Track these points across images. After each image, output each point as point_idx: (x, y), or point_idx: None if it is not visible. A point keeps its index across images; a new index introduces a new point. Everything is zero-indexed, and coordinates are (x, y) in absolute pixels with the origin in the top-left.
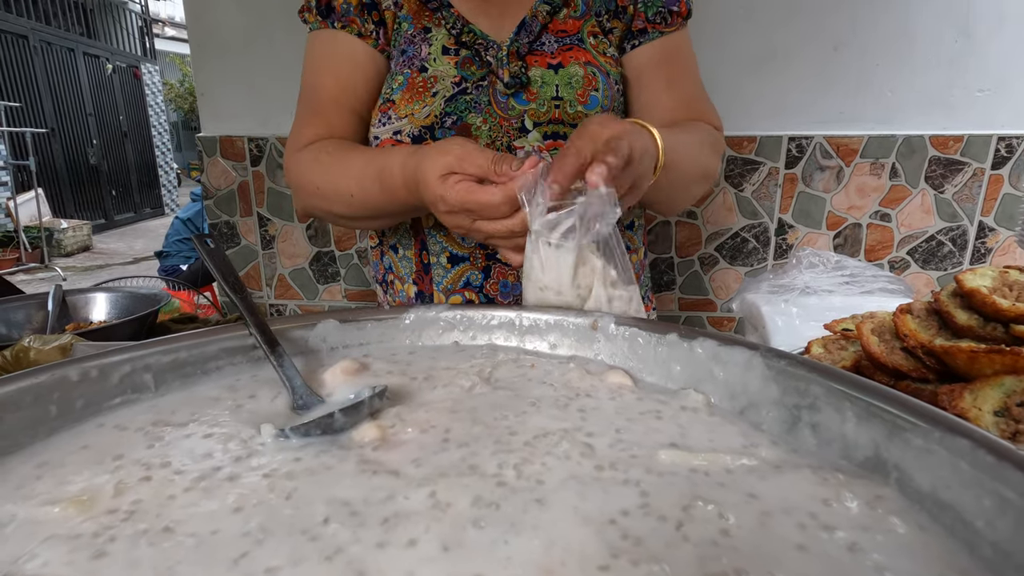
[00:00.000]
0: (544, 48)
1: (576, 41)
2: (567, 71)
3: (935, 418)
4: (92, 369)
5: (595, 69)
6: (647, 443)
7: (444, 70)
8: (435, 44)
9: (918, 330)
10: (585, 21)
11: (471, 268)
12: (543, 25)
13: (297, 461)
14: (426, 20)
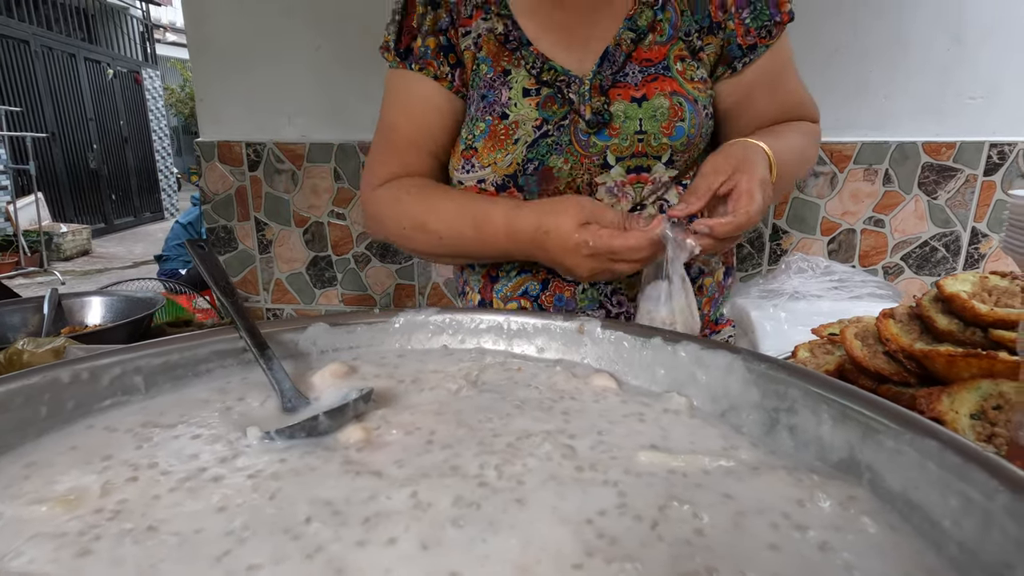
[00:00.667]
0: (628, 79)
1: (662, 70)
2: (651, 103)
3: (906, 420)
4: (83, 371)
5: (681, 98)
6: (628, 445)
7: (525, 114)
8: (515, 87)
9: (900, 334)
10: (672, 45)
11: (532, 279)
12: (627, 55)
13: (282, 462)
14: (505, 62)
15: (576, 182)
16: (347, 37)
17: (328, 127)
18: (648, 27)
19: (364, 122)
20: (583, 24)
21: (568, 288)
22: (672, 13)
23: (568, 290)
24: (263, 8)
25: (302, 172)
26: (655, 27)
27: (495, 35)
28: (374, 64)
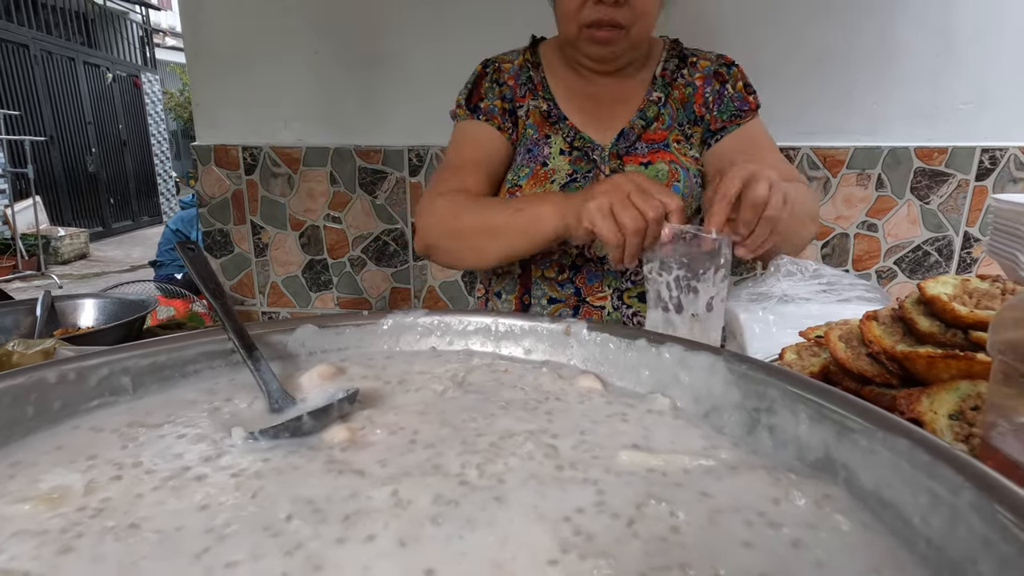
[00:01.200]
0: (637, 151)
1: (663, 146)
2: (655, 167)
3: (879, 419)
4: (70, 372)
5: (677, 166)
6: (610, 444)
7: (560, 165)
8: (554, 147)
9: (882, 336)
10: (671, 131)
11: (564, 307)
12: (638, 135)
13: (266, 462)
14: (547, 129)
15: None
16: (344, 42)
17: (324, 131)
18: (654, 117)
19: (360, 126)
20: (606, 110)
21: (596, 312)
22: (671, 108)
23: (596, 313)
24: (260, 13)
25: (298, 176)
26: (658, 117)
27: (540, 111)
28: (370, 69)
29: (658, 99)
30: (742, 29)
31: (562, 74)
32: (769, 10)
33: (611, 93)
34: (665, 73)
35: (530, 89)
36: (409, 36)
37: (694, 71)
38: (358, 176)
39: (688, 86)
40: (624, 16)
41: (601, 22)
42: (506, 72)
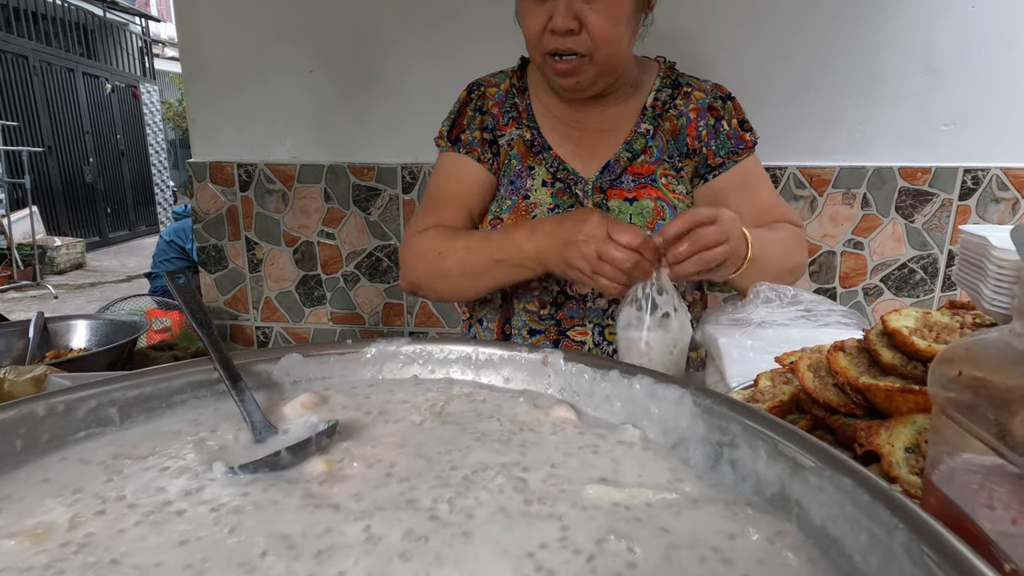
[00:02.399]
0: (623, 185)
1: (650, 181)
2: (640, 204)
3: (828, 458)
4: (59, 404)
5: (664, 203)
6: (578, 478)
7: (542, 198)
8: (536, 179)
9: (848, 367)
10: (659, 164)
11: (544, 339)
12: (623, 168)
13: (245, 496)
14: (531, 160)
15: None
16: (339, 61)
17: (319, 149)
18: (641, 150)
19: (354, 144)
20: (591, 141)
21: (576, 346)
22: (661, 141)
23: (577, 348)
24: (256, 32)
25: (292, 192)
26: (646, 150)
27: (524, 140)
28: (365, 88)
29: (647, 131)
30: (728, 52)
31: (548, 100)
32: (755, 33)
33: (598, 122)
34: (656, 104)
35: (514, 117)
36: (403, 55)
37: (688, 102)
38: (352, 193)
39: (681, 117)
40: (582, 45)
41: (559, 51)
42: (491, 98)
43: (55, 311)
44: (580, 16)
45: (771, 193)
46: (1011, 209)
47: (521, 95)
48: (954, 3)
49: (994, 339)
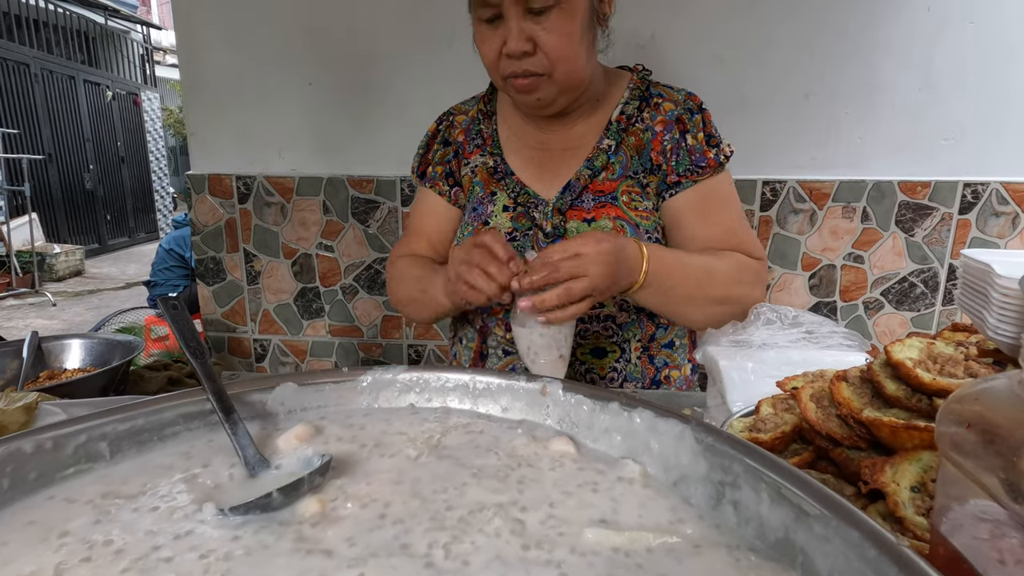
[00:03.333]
0: (583, 205)
1: (610, 199)
2: (598, 224)
3: (834, 506)
4: (47, 441)
5: (624, 222)
6: (577, 519)
7: (502, 223)
8: (498, 204)
9: (851, 398)
10: (621, 182)
11: (517, 359)
12: (584, 186)
13: (235, 540)
14: (493, 186)
15: None
16: (338, 74)
17: (318, 161)
18: (602, 167)
19: (353, 157)
20: (554, 161)
21: None
22: (624, 156)
23: None
24: (256, 46)
25: (291, 205)
26: (608, 166)
27: (487, 167)
28: (364, 101)
29: (609, 147)
30: (728, 66)
31: (514, 122)
32: (755, 48)
33: (562, 141)
34: (622, 118)
35: (479, 144)
36: (402, 68)
37: (656, 113)
38: (351, 205)
39: (647, 131)
40: (538, 64)
41: (516, 73)
42: (458, 127)
43: (53, 318)
44: (533, 37)
45: (732, 218)
46: (1011, 223)
47: (488, 120)
48: (952, 18)
49: (1002, 388)
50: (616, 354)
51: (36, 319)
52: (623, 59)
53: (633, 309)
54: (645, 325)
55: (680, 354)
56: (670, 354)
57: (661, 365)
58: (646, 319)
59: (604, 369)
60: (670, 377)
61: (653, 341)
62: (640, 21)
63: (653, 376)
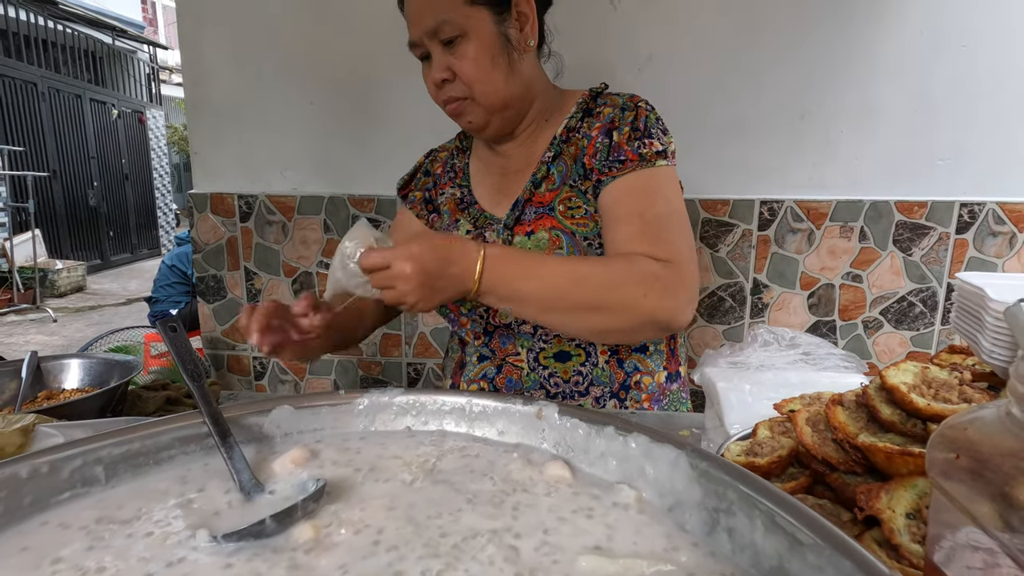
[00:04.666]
0: (525, 219)
1: (547, 210)
2: (536, 236)
3: (827, 535)
4: (43, 465)
5: (559, 232)
6: (571, 546)
7: None
8: (461, 229)
9: (847, 422)
10: (559, 192)
11: (490, 364)
12: (527, 200)
13: (228, 568)
14: (458, 215)
15: None
16: (340, 94)
17: (319, 180)
18: (542, 178)
19: (354, 176)
20: (509, 183)
21: (516, 372)
22: (564, 166)
23: (516, 373)
24: (258, 68)
25: (292, 223)
26: (548, 177)
27: (454, 198)
28: (364, 121)
29: (548, 158)
30: (725, 87)
31: (483, 154)
32: (752, 71)
33: (517, 162)
34: (564, 131)
35: (452, 177)
36: (403, 88)
37: (595, 121)
38: (351, 224)
39: (584, 138)
40: (458, 90)
41: (447, 100)
42: (439, 161)
43: (54, 334)
44: (451, 66)
45: (651, 215)
46: (1008, 243)
47: (462, 155)
48: (945, 42)
49: (991, 417)
50: (581, 358)
51: (36, 335)
52: (621, 81)
53: None
54: None
55: (655, 360)
56: (642, 359)
57: (631, 370)
58: None
59: (568, 373)
60: (641, 383)
61: (621, 344)
62: (638, 45)
63: (623, 381)
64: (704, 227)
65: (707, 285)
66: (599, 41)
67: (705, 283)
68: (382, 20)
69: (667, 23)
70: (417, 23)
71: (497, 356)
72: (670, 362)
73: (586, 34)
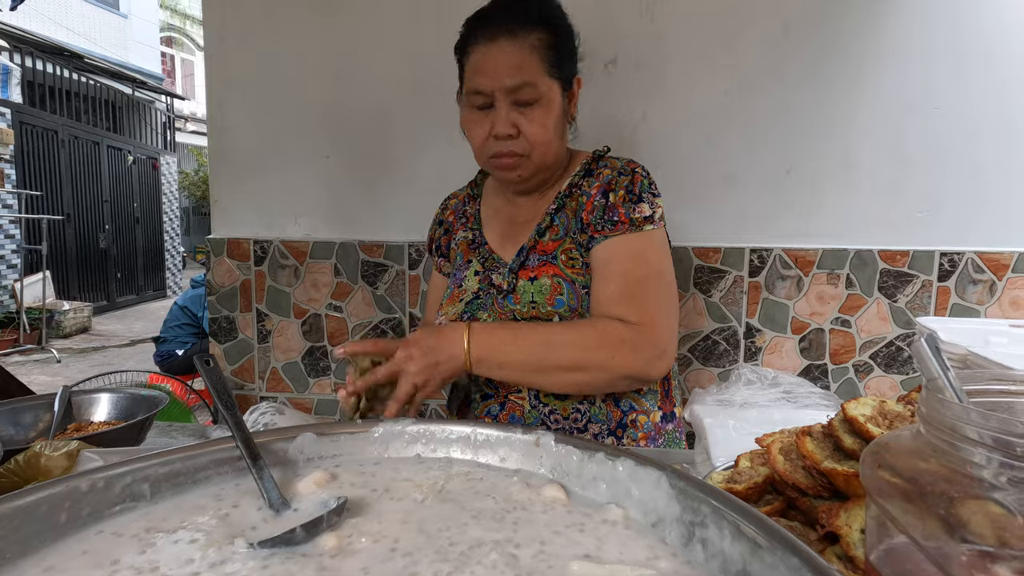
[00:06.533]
0: (530, 264)
1: (550, 259)
2: (540, 282)
3: (780, 539)
4: (100, 480)
5: (561, 279)
6: (564, 554)
7: (470, 285)
8: (471, 270)
9: (814, 451)
10: (561, 243)
11: (494, 402)
12: (531, 247)
13: (265, 568)
14: (470, 255)
15: None
16: (353, 148)
17: (332, 227)
18: (546, 228)
19: (365, 223)
20: (516, 231)
21: (518, 408)
22: (565, 219)
23: (518, 410)
24: (278, 123)
25: (304, 267)
26: (551, 228)
27: (467, 240)
28: (375, 172)
29: (552, 211)
30: (714, 143)
31: (494, 200)
32: (740, 128)
33: (526, 213)
34: (567, 188)
35: (464, 221)
36: (412, 142)
37: (595, 181)
38: (360, 268)
39: (584, 195)
40: (520, 147)
41: (501, 154)
42: (450, 208)
43: (57, 375)
44: (517, 124)
45: (632, 279)
46: (988, 290)
47: (473, 201)
48: (918, 104)
49: (906, 438)
50: (578, 396)
51: (40, 375)
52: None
53: None
54: None
55: (649, 400)
56: (637, 399)
57: (627, 409)
58: None
59: (567, 410)
60: (636, 422)
61: None
62: (632, 103)
63: (619, 420)
64: (697, 273)
65: (701, 329)
66: (600, 102)
67: (699, 327)
68: (394, 80)
69: (658, 86)
70: (496, 78)
71: (500, 393)
72: (664, 402)
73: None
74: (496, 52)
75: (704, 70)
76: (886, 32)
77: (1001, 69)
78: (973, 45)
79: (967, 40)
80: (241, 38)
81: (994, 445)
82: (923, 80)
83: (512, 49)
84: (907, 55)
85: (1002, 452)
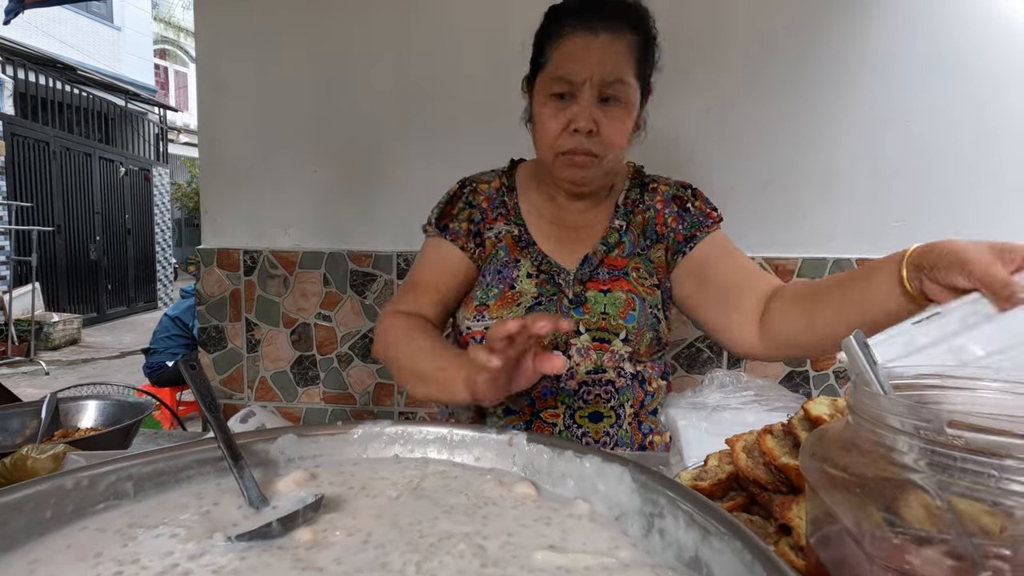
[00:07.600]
0: (599, 277)
1: (622, 274)
2: (614, 295)
3: (726, 524)
4: (84, 479)
5: (634, 295)
6: (530, 545)
7: (527, 288)
8: (522, 270)
9: (774, 448)
10: (631, 259)
11: (519, 419)
12: (600, 261)
13: (242, 560)
14: (518, 253)
15: (556, 340)
16: (343, 159)
17: (321, 238)
18: (615, 244)
19: (354, 234)
20: (572, 236)
21: (548, 428)
22: (633, 235)
23: (548, 430)
24: (269, 137)
25: (293, 277)
26: (619, 244)
27: (512, 235)
28: (363, 184)
29: (620, 227)
30: (697, 156)
31: (534, 198)
32: (721, 140)
33: (577, 219)
34: (627, 202)
35: (502, 213)
36: (400, 154)
37: (655, 196)
38: (349, 278)
39: (648, 210)
40: (596, 146)
41: (576, 151)
42: (482, 194)
43: (45, 387)
44: (597, 120)
45: (749, 261)
46: None
47: (510, 194)
48: (892, 116)
49: (837, 429)
50: (611, 419)
51: (28, 388)
52: None
53: (628, 374)
54: (636, 391)
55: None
56: (655, 420)
57: (648, 431)
58: (638, 385)
59: (599, 434)
60: (654, 442)
61: (643, 408)
62: None
63: (640, 442)
64: None
65: (685, 337)
66: None
67: (683, 335)
68: (383, 92)
69: None
70: (589, 67)
71: (528, 408)
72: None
73: None
74: (596, 43)
75: (684, 86)
76: (863, 46)
77: (975, 81)
78: (948, 58)
79: (942, 53)
80: (232, 50)
81: (913, 432)
82: (899, 92)
83: (612, 43)
84: (884, 68)
85: (920, 438)
